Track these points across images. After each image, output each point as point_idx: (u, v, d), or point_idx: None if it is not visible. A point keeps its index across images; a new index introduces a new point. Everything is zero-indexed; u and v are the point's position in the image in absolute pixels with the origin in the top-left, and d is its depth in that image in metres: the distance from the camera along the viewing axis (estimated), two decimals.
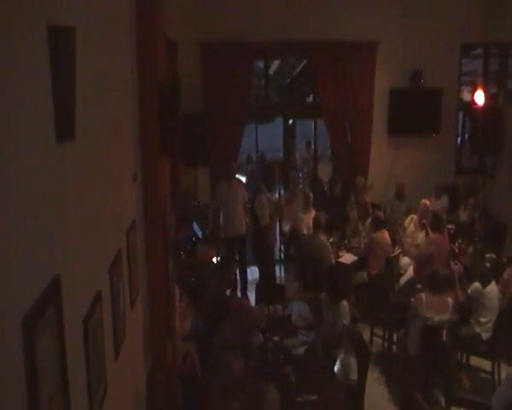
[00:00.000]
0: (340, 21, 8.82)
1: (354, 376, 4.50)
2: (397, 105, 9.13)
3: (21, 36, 1.64)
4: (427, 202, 7.77)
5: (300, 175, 11.88)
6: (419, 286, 6.08)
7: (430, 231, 7.13)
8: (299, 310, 5.73)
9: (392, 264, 7.07)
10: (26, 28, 1.69)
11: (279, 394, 3.69)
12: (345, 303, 5.13)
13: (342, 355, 4.56)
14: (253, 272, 8.44)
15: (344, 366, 4.52)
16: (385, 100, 9.15)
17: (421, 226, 7.55)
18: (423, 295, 5.36)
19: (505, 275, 6.16)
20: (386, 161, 9.21)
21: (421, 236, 7.49)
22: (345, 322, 5.03)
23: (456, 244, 7.50)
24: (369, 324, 6.52)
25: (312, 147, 11.00)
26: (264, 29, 8.57)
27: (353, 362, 4.52)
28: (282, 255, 9.02)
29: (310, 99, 11.45)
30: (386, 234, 7.32)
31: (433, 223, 7.10)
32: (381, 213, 7.66)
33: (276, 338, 5.08)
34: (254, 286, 6.89)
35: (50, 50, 1.87)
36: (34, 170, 1.74)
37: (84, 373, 2.27)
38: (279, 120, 10.61)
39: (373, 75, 9.10)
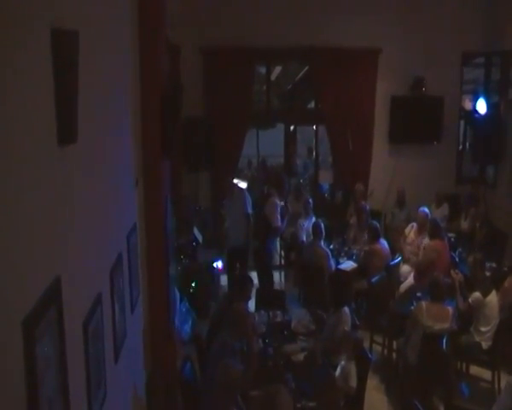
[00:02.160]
0: (343, 28, 8.85)
1: (354, 383, 4.48)
2: (398, 113, 9.13)
3: (25, 38, 1.65)
4: (426, 211, 7.69)
5: (301, 181, 11.86)
6: (419, 294, 6.07)
7: (429, 239, 7.09)
8: (299, 316, 5.72)
9: (392, 271, 7.04)
10: (30, 31, 1.70)
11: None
12: (346, 310, 5.12)
13: (343, 362, 4.54)
14: (252, 278, 8.38)
15: (344, 372, 4.50)
16: (386, 107, 9.16)
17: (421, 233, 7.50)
18: (423, 304, 5.34)
19: (506, 284, 6.14)
20: (386, 169, 9.21)
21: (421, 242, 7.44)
22: (346, 328, 5.01)
23: (457, 253, 7.49)
24: (369, 331, 6.50)
25: (313, 153, 11.00)
26: (265, 34, 8.59)
27: (353, 369, 4.50)
28: (283, 261, 8.99)
29: (311, 105, 11.46)
30: (384, 244, 7.26)
31: (432, 230, 7.07)
32: (376, 224, 7.56)
33: (275, 344, 5.07)
34: (254, 292, 6.85)
35: (53, 53, 1.88)
36: (36, 172, 1.75)
37: (83, 376, 2.27)
38: (280, 126, 10.62)
39: (374, 82, 9.11)
